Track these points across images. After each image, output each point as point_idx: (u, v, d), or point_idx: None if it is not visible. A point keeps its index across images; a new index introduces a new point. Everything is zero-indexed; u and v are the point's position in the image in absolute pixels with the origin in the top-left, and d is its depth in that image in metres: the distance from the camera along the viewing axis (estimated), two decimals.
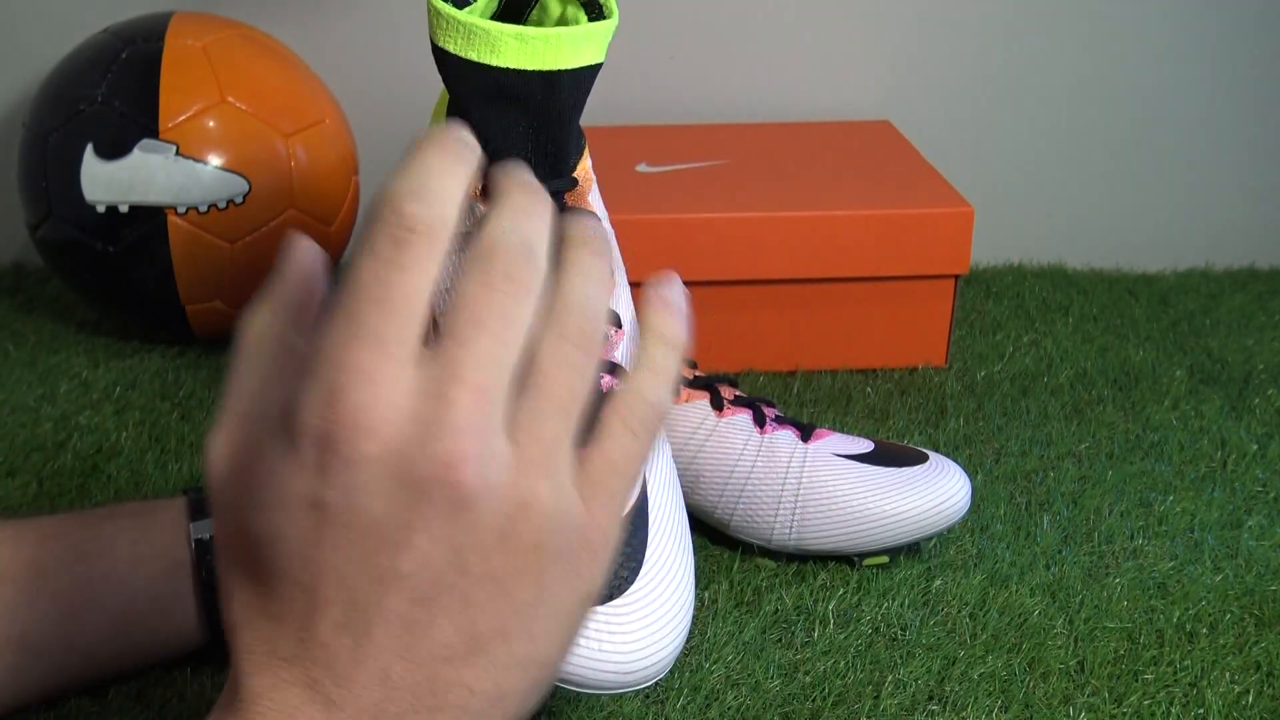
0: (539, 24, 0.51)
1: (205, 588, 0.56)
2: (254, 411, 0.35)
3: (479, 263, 0.34)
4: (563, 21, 0.51)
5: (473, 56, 0.47)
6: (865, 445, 0.68)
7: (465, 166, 0.35)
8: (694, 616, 0.62)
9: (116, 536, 0.56)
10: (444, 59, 0.48)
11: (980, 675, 0.59)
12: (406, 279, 0.33)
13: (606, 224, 0.52)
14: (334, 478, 0.33)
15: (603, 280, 0.37)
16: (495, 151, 0.49)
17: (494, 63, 0.47)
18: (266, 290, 0.38)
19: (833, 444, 0.68)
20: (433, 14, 0.47)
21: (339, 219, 0.92)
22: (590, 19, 0.49)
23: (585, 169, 0.52)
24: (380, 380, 0.32)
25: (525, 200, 0.36)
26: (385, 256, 0.33)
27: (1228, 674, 0.59)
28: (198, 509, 0.57)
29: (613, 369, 0.49)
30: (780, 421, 0.69)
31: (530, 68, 0.47)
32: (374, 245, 0.33)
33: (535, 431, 0.34)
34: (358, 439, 0.32)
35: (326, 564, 0.33)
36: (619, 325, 0.50)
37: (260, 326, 0.37)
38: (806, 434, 0.68)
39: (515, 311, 0.34)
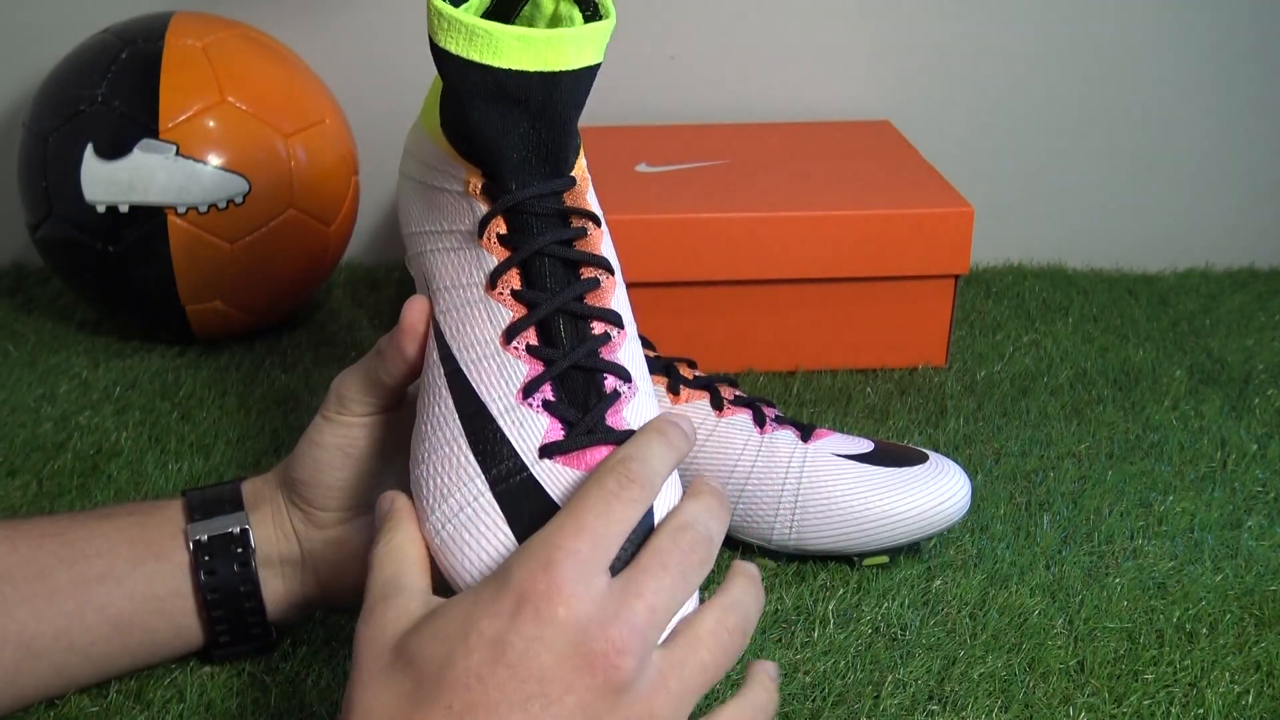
0: (531, 21, 0.51)
1: (205, 589, 0.56)
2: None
3: (674, 529, 0.45)
4: (556, 19, 0.51)
5: (474, 57, 0.47)
6: (865, 445, 0.68)
7: (677, 454, 0.47)
8: None
9: (114, 535, 0.56)
10: (444, 59, 0.48)
11: (980, 675, 0.59)
12: (622, 510, 0.44)
13: (603, 223, 0.52)
14: (523, 625, 0.41)
15: (759, 603, 0.48)
16: (496, 151, 0.49)
17: (495, 63, 0.47)
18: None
19: (833, 444, 0.68)
20: (433, 13, 0.47)
21: (339, 219, 0.92)
22: (585, 18, 0.49)
23: (582, 169, 0.52)
24: (588, 567, 0.42)
25: (717, 504, 0.47)
26: (612, 490, 0.44)
27: (1228, 674, 0.59)
28: (196, 510, 0.58)
29: (621, 372, 0.49)
30: (780, 421, 0.69)
31: (531, 69, 0.47)
32: (605, 482, 0.44)
33: (679, 673, 0.43)
34: (556, 601, 0.41)
35: (485, 699, 0.40)
36: (621, 325, 0.50)
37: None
38: (806, 434, 0.68)
39: (690, 574, 0.45)
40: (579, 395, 0.49)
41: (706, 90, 1.07)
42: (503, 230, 0.50)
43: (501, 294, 0.50)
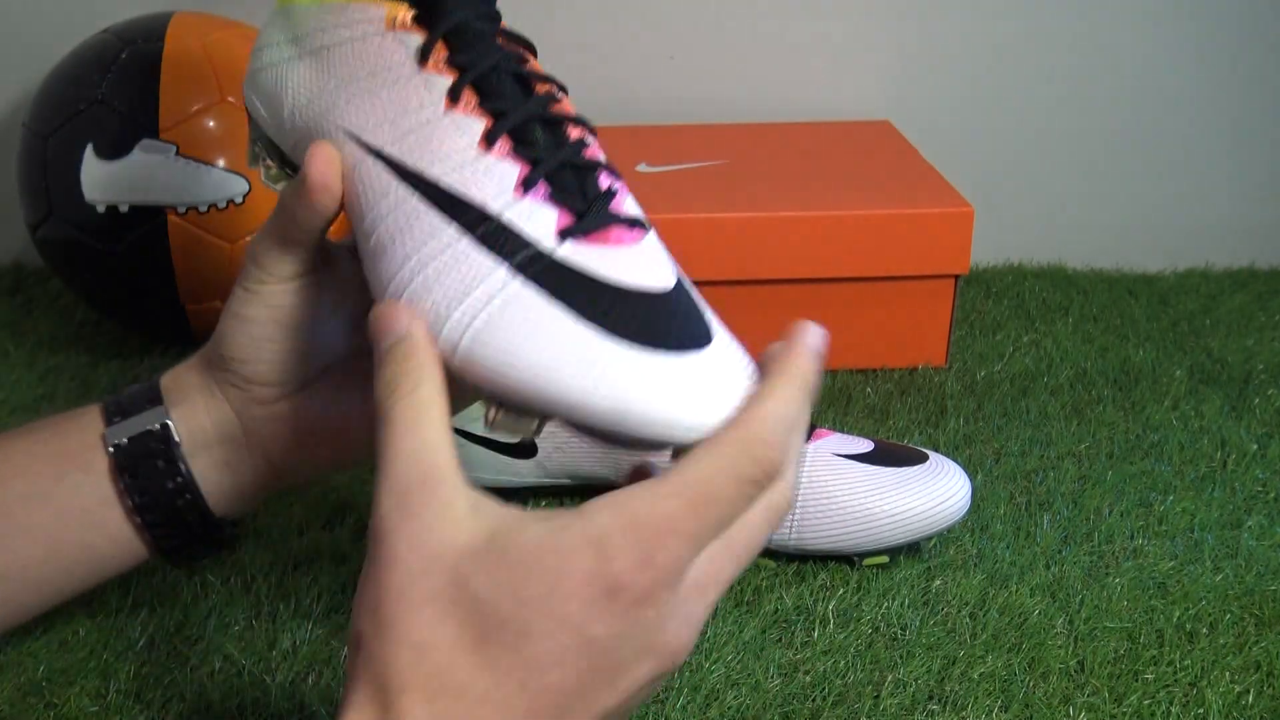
0: None
1: (131, 493, 0.53)
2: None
3: (772, 510, 0.42)
4: None
5: None
6: (865, 445, 0.68)
7: (805, 426, 0.43)
8: None
9: (34, 450, 0.54)
10: None
11: (980, 675, 0.59)
12: (746, 510, 0.41)
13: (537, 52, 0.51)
14: (612, 619, 0.38)
15: (801, 420, 0.43)
16: None
17: None
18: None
19: (833, 444, 0.68)
20: None
21: (339, 219, 0.92)
22: None
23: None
24: (684, 568, 0.39)
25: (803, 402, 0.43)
26: (746, 481, 0.40)
27: (1228, 674, 0.59)
28: (113, 413, 0.54)
29: (611, 169, 0.48)
30: None
31: None
32: (740, 467, 0.40)
33: (719, 582, 0.41)
34: (648, 604, 0.39)
35: (560, 684, 0.38)
36: (594, 131, 0.49)
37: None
38: (806, 434, 0.68)
39: (760, 545, 0.42)
40: (576, 191, 0.45)
41: (706, 90, 1.07)
42: (446, 53, 0.47)
43: (467, 106, 0.46)
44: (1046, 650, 0.61)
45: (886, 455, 0.67)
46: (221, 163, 0.84)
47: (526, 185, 0.45)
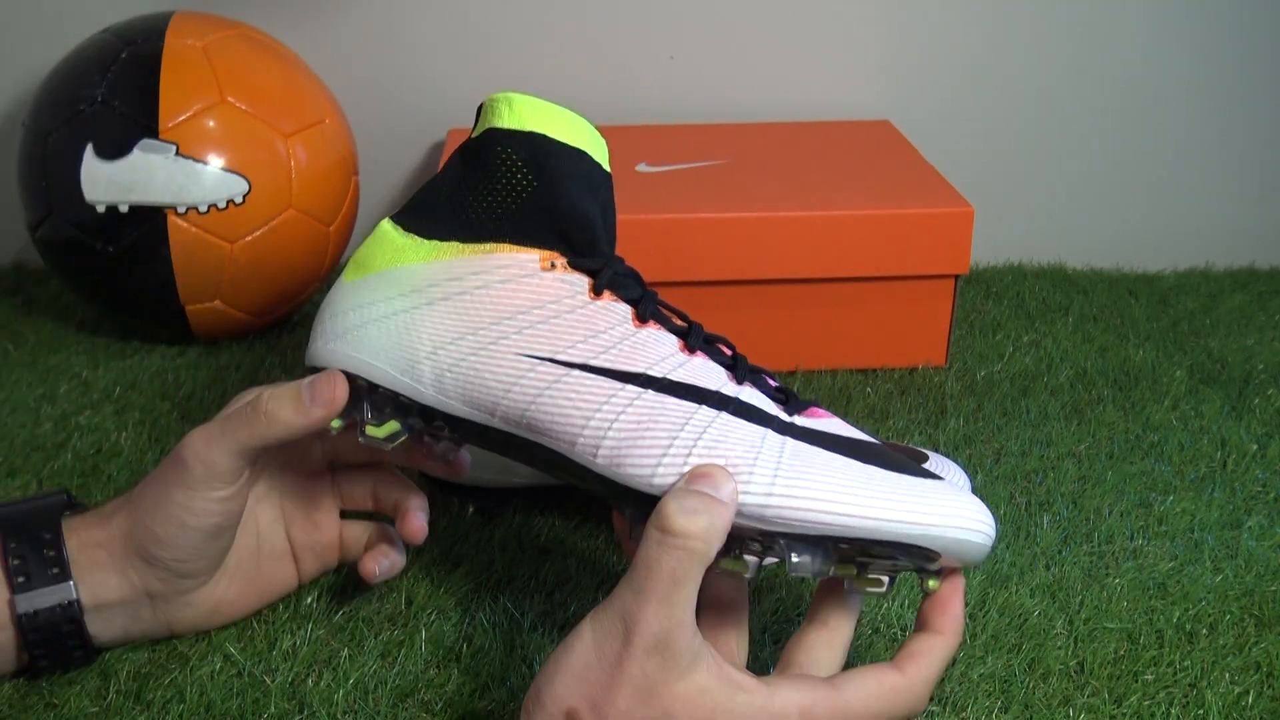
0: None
1: (32, 645, 0.56)
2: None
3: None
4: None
5: (580, 145, 0.54)
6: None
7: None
8: None
9: None
10: (549, 146, 0.53)
11: (980, 675, 0.59)
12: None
13: None
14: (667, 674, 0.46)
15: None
16: (595, 227, 0.54)
17: (593, 155, 0.55)
18: None
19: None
20: (544, 110, 0.54)
21: (339, 219, 0.92)
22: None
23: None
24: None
25: None
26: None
27: (1228, 674, 0.59)
28: (16, 570, 0.55)
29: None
30: None
31: (600, 160, 0.55)
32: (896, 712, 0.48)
33: None
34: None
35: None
36: None
37: None
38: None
39: None
40: (765, 384, 0.54)
41: (706, 90, 1.07)
42: (610, 289, 0.54)
43: (653, 324, 0.54)
44: (1046, 651, 0.61)
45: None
46: (221, 163, 0.84)
47: (738, 377, 0.53)
